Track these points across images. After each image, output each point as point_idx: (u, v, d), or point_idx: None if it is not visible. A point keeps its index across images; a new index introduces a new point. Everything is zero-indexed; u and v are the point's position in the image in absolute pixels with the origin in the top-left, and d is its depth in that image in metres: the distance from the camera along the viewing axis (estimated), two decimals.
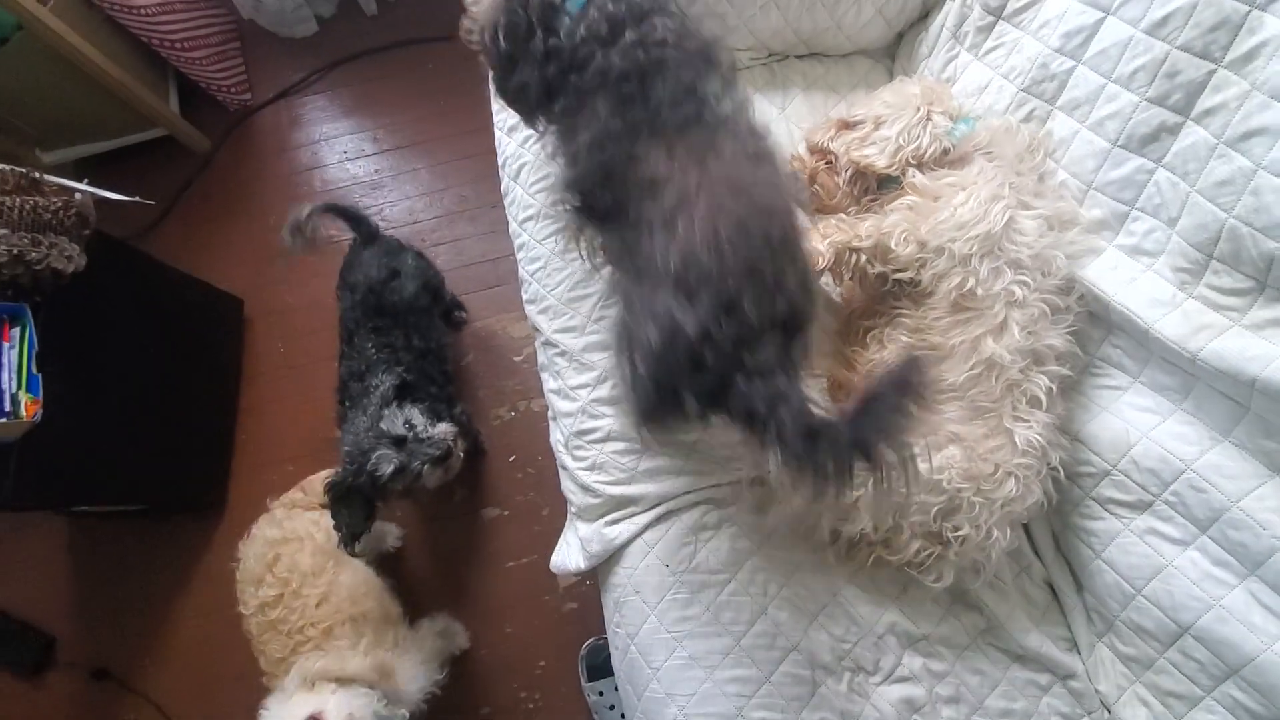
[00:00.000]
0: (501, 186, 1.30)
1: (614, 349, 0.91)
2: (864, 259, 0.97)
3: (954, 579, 0.99)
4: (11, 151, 1.86)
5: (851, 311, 1.12)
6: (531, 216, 1.24)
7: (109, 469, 1.46)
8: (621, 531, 1.09)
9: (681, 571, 1.05)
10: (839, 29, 1.30)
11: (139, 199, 1.52)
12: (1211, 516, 0.88)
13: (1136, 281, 0.93)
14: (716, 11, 1.24)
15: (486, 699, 1.56)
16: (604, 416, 1.13)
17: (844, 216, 1.04)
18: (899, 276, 0.97)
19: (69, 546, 1.74)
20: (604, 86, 0.82)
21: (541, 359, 1.24)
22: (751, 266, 0.74)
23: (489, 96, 1.18)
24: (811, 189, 1.09)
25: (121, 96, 1.80)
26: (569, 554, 1.15)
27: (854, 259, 0.98)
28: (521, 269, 1.26)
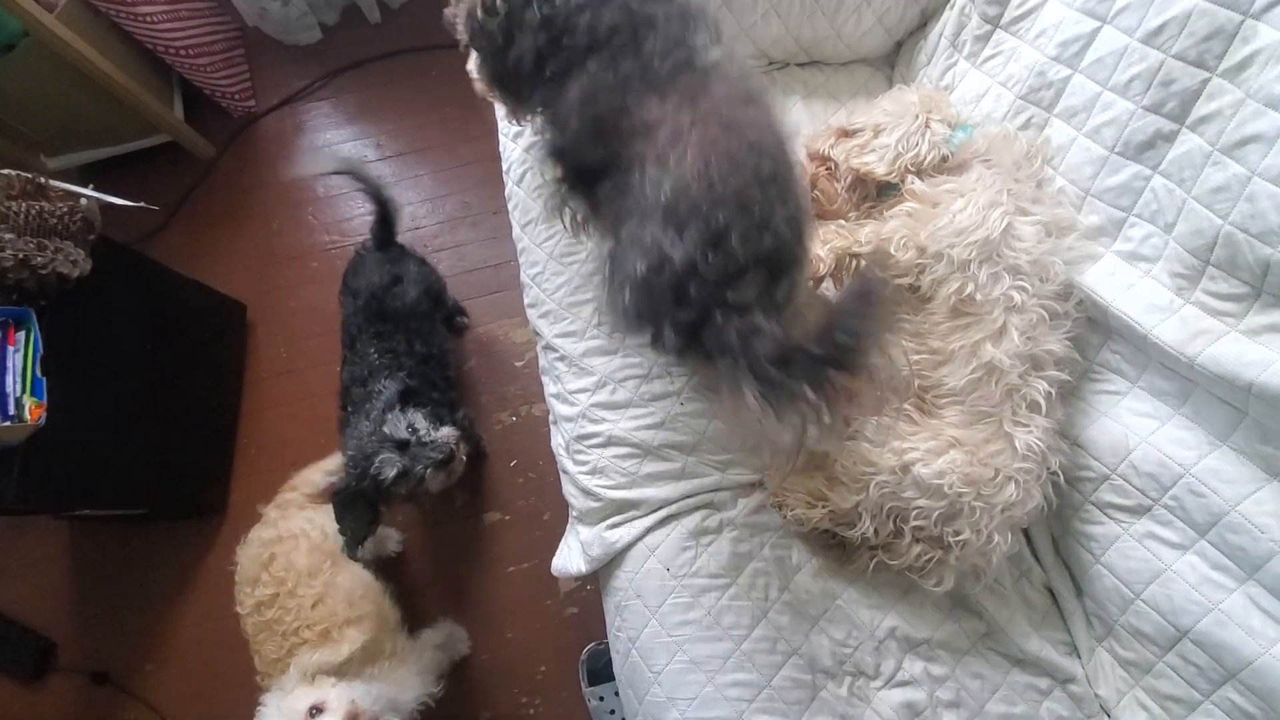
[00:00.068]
0: (505, 191, 1.31)
1: (602, 278, 0.91)
2: (864, 265, 0.98)
3: (955, 583, 0.99)
4: (16, 157, 1.87)
5: None
6: (532, 221, 1.25)
7: (111, 473, 1.46)
8: (623, 535, 1.09)
9: (682, 575, 1.06)
10: (839, 37, 1.31)
11: (144, 204, 1.53)
12: (1210, 521, 0.88)
13: (1134, 287, 0.94)
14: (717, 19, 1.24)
15: (487, 704, 1.55)
16: (605, 421, 1.14)
17: (844, 222, 1.04)
18: (899, 282, 0.97)
19: (70, 550, 1.74)
20: (595, 44, 0.83)
21: (542, 363, 1.24)
22: (741, 201, 0.75)
23: (491, 103, 1.18)
24: (812, 195, 1.10)
25: (126, 103, 1.81)
26: (570, 558, 1.16)
27: (854, 264, 0.99)
28: (523, 273, 1.27)
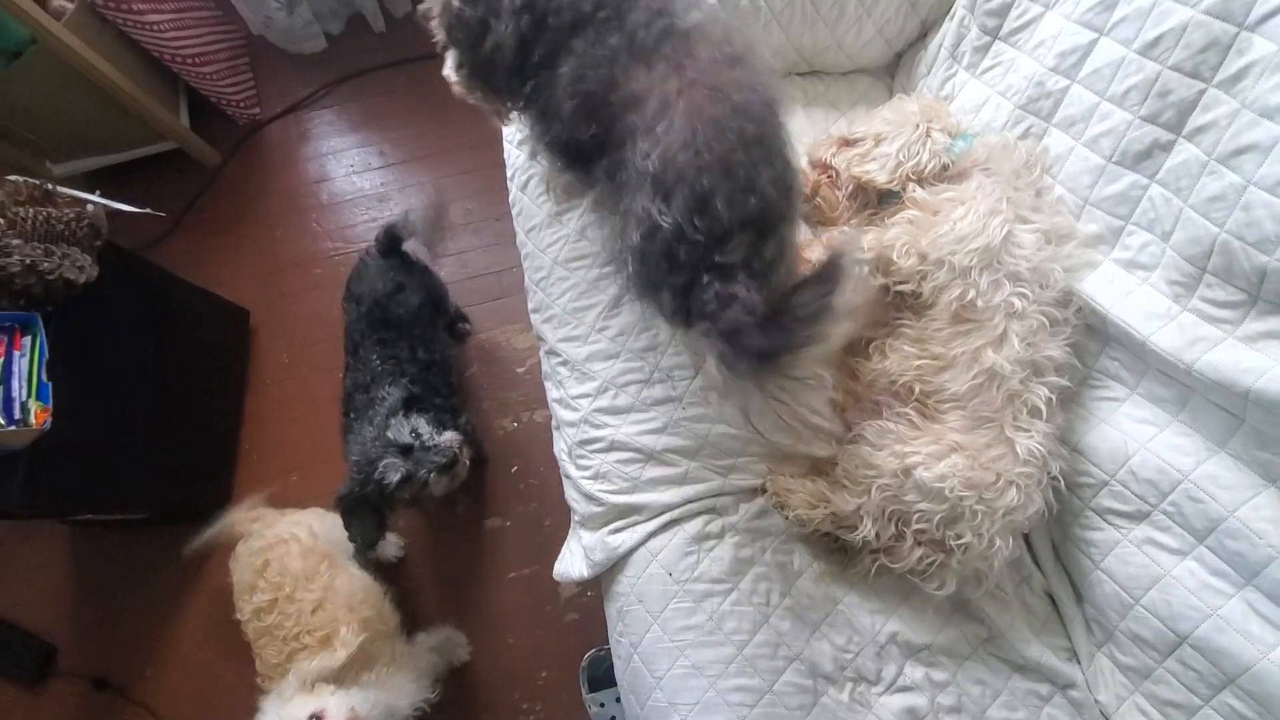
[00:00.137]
0: (509, 198, 1.32)
1: (613, 256, 0.96)
2: (866, 271, 0.99)
3: (956, 587, 1.00)
4: (23, 163, 1.88)
5: None
6: (537, 226, 1.26)
7: (114, 477, 1.47)
8: (625, 540, 1.09)
9: (685, 580, 1.06)
10: (839, 47, 1.33)
11: (149, 210, 1.54)
12: (1209, 526, 0.88)
13: (1132, 295, 0.95)
14: None
15: (488, 709, 1.55)
16: (607, 426, 1.14)
17: (846, 229, 1.05)
18: (901, 288, 0.98)
19: (71, 555, 1.74)
20: (579, 21, 0.85)
21: (545, 368, 1.25)
22: (725, 166, 0.77)
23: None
24: (814, 202, 1.11)
25: (133, 110, 1.82)
26: (572, 562, 1.16)
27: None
28: (527, 278, 1.28)
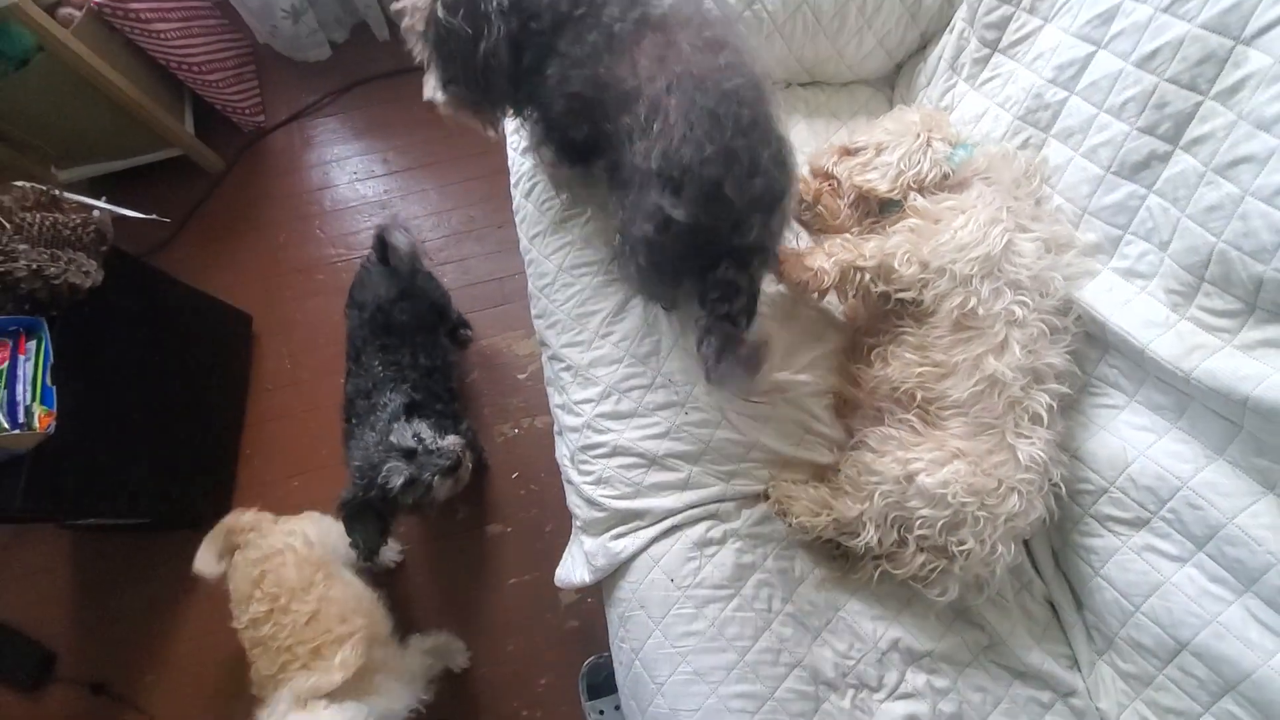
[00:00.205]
0: (513, 205, 1.32)
1: (615, 251, 0.98)
2: (868, 278, 0.99)
3: (958, 594, 1.00)
4: (29, 169, 1.90)
5: (856, 329, 1.14)
6: (541, 233, 1.26)
7: (116, 481, 1.47)
8: (627, 545, 1.09)
9: (686, 586, 1.06)
10: (840, 58, 1.34)
11: (154, 216, 1.55)
12: (1208, 533, 0.89)
13: (1131, 303, 0.96)
14: None
15: (487, 716, 1.55)
16: (609, 431, 1.14)
17: (848, 237, 1.06)
18: (902, 296, 0.99)
19: (71, 559, 1.74)
20: (559, 20, 0.86)
21: (548, 374, 1.25)
22: (728, 154, 0.80)
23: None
24: (816, 210, 1.12)
25: (138, 117, 1.84)
26: (574, 568, 1.16)
27: (858, 278, 1.00)
28: (531, 284, 1.28)
